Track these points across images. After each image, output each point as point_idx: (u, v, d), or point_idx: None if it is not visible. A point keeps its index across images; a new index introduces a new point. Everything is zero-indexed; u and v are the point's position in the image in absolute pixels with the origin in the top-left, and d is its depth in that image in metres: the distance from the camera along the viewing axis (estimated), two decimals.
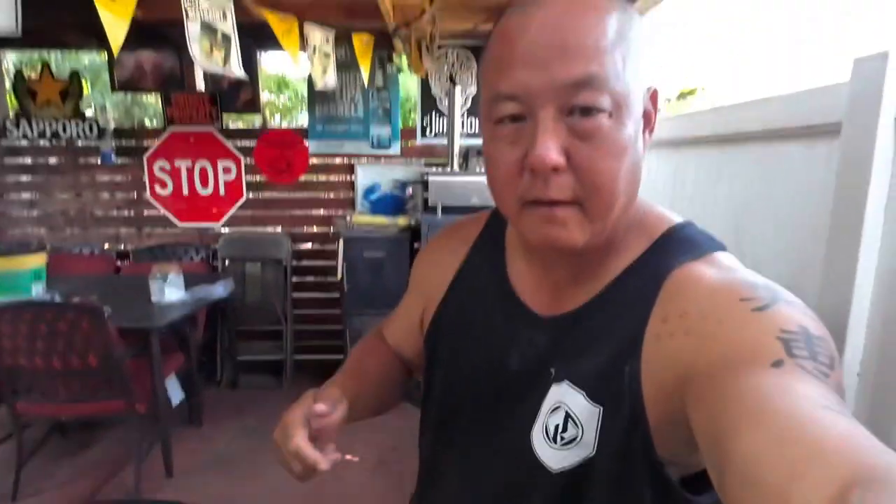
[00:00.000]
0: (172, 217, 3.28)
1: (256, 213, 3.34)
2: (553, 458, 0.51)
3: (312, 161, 3.25)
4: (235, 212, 3.29)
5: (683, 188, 1.34)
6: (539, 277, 0.58)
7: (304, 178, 3.28)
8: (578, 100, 0.44)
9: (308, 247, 3.50)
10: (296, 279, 3.36)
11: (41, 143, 3.24)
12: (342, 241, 2.82)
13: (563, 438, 0.51)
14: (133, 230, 3.36)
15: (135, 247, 3.32)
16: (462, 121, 3.10)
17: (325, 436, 0.58)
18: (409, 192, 3.13)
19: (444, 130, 3.21)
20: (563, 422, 0.51)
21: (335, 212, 3.35)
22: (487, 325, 0.61)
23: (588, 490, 0.50)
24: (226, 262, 3.23)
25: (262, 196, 3.33)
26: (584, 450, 0.50)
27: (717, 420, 0.37)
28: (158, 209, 3.27)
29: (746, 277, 0.46)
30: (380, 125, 3.20)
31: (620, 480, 0.48)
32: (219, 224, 3.30)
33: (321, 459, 0.56)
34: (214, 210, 3.28)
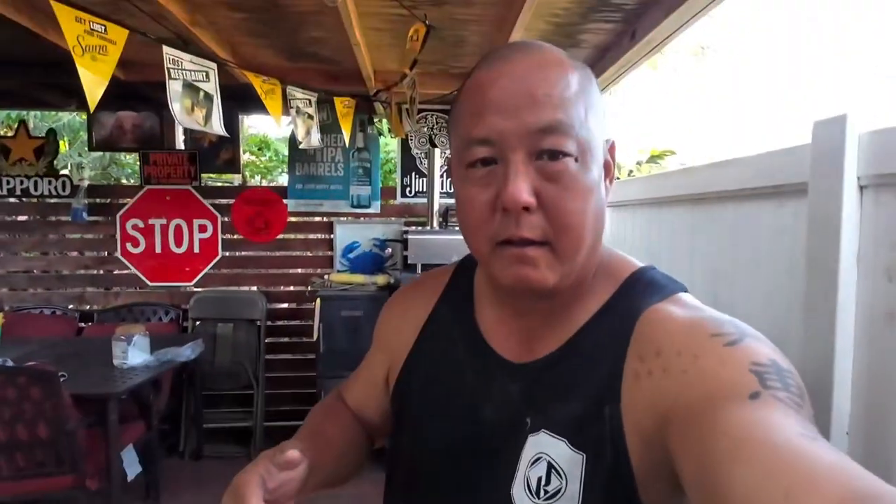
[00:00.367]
0: (142, 276, 3.19)
1: (231, 272, 3.28)
2: None
3: (291, 219, 3.24)
4: (209, 270, 3.22)
5: (660, 246, 1.35)
6: (510, 324, 0.57)
7: (282, 237, 3.26)
8: (546, 144, 0.47)
9: (284, 306, 3.42)
10: (269, 340, 3.26)
11: (10, 201, 3.18)
12: (319, 301, 2.77)
13: (547, 492, 0.49)
14: (100, 290, 3.25)
15: (101, 307, 3.19)
16: (441, 181, 3.17)
17: (283, 501, 0.52)
18: (389, 251, 3.12)
19: (424, 190, 3.27)
20: (546, 473, 0.49)
21: (313, 270, 3.31)
22: (458, 377, 0.58)
23: None
24: (196, 323, 3.12)
25: (239, 254, 3.28)
26: (569, 502, 0.48)
27: (704, 457, 0.38)
28: (129, 268, 3.18)
29: (713, 315, 0.49)
30: (360, 185, 3.23)
31: None
32: (191, 283, 3.22)
33: None
34: (187, 269, 3.21)
